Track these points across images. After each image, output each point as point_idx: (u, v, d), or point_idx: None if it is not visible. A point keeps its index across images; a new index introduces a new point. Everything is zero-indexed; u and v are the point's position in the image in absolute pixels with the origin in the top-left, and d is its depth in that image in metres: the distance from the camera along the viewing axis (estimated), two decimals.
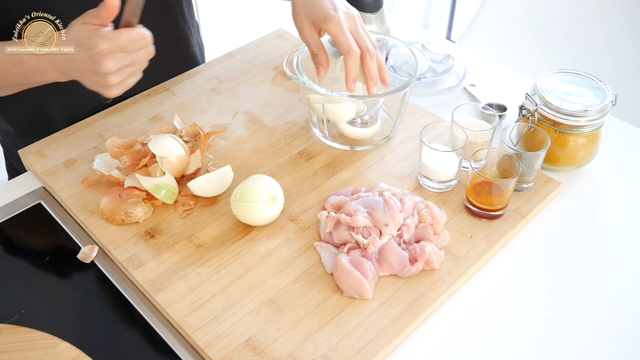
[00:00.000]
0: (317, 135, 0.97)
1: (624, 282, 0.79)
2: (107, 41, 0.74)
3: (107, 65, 0.75)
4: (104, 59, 0.74)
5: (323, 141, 0.96)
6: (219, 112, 1.02)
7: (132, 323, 0.75)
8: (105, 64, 0.75)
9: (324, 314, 0.73)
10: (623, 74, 1.50)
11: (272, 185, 0.81)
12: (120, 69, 0.76)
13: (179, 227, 0.83)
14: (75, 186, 0.89)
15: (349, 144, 0.95)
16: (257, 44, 1.19)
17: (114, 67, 0.75)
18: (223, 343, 0.70)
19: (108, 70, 0.75)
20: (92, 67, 0.75)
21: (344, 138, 0.95)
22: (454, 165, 0.86)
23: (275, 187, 0.82)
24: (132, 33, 0.75)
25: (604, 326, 0.74)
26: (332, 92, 0.88)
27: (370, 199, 0.80)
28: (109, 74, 0.76)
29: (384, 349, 0.69)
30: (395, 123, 0.95)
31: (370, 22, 1.15)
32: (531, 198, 0.87)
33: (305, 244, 0.81)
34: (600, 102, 0.87)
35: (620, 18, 1.56)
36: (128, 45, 0.75)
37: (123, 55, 0.76)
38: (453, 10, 2.76)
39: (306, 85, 0.88)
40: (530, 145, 0.89)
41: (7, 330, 0.72)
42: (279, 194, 0.82)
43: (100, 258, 0.81)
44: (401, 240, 0.79)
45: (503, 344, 0.72)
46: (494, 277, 0.79)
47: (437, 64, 1.14)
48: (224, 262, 0.79)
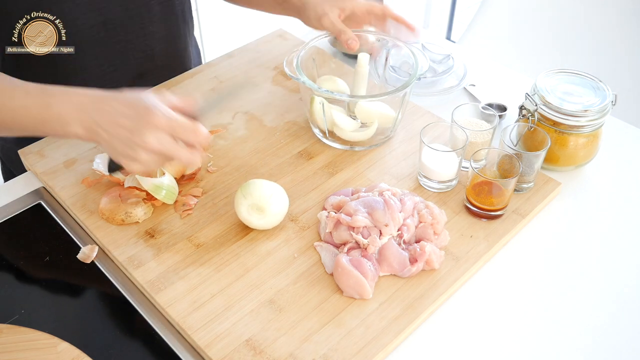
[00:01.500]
0: (318, 135, 0.97)
1: (624, 282, 0.79)
2: (164, 115, 0.70)
3: (149, 138, 0.69)
4: (151, 130, 0.69)
5: (323, 141, 0.96)
6: (219, 112, 1.02)
7: (132, 323, 0.75)
8: (148, 136, 0.69)
9: (324, 314, 0.73)
10: (623, 74, 1.50)
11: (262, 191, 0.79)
12: (155, 150, 0.70)
13: (179, 227, 0.83)
14: (75, 186, 0.89)
15: (349, 144, 0.95)
16: (257, 44, 1.19)
17: (153, 144, 0.69)
18: (223, 343, 0.70)
19: (146, 144, 0.69)
20: (132, 132, 0.70)
21: (343, 138, 0.94)
22: (454, 165, 0.86)
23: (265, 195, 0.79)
24: (189, 122, 0.71)
25: (604, 326, 0.74)
26: (332, 92, 0.88)
27: (370, 199, 0.80)
28: (144, 147, 0.70)
29: (384, 349, 0.69)
30: (395, 123, 0.95)
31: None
32: (531, 198, 0.87)
33: (305, 244, 0.81)
34: (600, 102, 0.87)
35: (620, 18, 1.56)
36: (179, 131, 0.71)
37: (168, 139, 0.70)
38: (453, 10, 2.77)
39: (306, 85, 0.88)
40: (530, 145, 0.89)
41: (7, 330, 0.72)
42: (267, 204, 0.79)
43: (100, 258, 0.81)
44: (401, 240, 0.79)
45: (503, 344, 0.72)
46: (494, 277, 0.79)
47: (437, 64, 1.14)
48: (224, 262, 0.79)
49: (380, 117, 0.93)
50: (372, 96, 0.91)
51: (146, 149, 0.70)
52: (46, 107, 0.73)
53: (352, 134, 0.93)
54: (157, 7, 1.00)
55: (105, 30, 0.95)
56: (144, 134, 0.69)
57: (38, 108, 0.73)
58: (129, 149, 0.70)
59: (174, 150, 0.71)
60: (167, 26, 1.04)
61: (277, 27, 1.24)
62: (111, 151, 0.73)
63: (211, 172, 0.91)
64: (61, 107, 0.72)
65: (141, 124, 0.69)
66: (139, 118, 0.70)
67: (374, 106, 0.93)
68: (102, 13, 0.93)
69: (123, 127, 0.70)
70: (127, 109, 0.71)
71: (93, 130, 0.72)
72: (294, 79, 0.90)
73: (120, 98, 0.72)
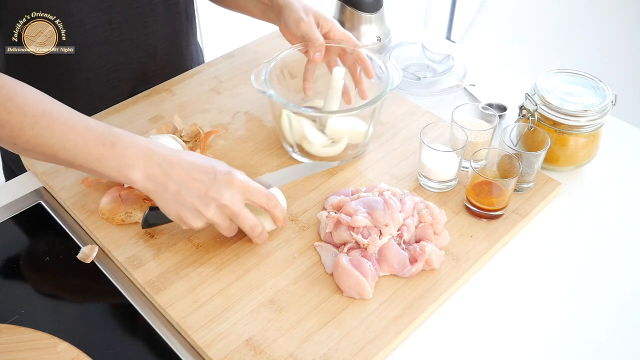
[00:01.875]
0: (287, 149, 0.94)
1: (624, 281, 0.79)
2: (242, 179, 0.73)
3: (225, 194, 0.71)
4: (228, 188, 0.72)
5: (292, 156, 0.93)
6: (218, 112, 1.02)
7: (132, 323, 0.75)
8: (225, 191, 0.71)
9: (324, 314, 0.73)
10: (623, 74, 1.50)
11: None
12: (227, 204, 0.72)
13: (179, 227, 0.83)
14: (75, 186, 0.89)
15: (318, 159, 0.91)
16: (257, 44, 1.19)
17: (227, 200, 0.72)
18: (223, 343, 0.70)
19: (221, 197, 0.71)
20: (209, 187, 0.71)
21: (312, 154, 0.91)
22: (454, 165, 0.86)
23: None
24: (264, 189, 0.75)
25: (604, 325, 0.74)
26: (299, 107, 0.86)
27: (370, 199, 0.80)
28: (218, 201, 0.71)
29: (384, 349, 0.69)
30: (366, 138, 0.92)
31: (370, 22, 1.16)
32: (531, 198, 0.87)
33: (305, 244, 0.81)
34: (600, 102, 0.87)
35: (620, 18, 1.56)
36: (254, 193, 0.73)
37: (241, 198, 0.73)
38: (453, 10, 2.77)
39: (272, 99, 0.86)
40: (530, 145, 0.89)
41: (7, 330, 0.72)
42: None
43: (100, 258, 0.81)
44: (401, 240, 0.79)
45: (503, 344, 0.72)
46: (494, 277, 0.79)
47: (437, 64, 1.14)
48: (224, 262, 0.79)
49: (350, 133, 0.90)
50: (340, 111, 0.88)
51: (219, 204, 0.72)
52: (109, 145, 0.71)
53: (321, 149, 0.90)
54: (161, 5, 1.00)
55: (110, 29, 0.95)
56: (222, 189, 0.71)
57: (99, 145, 0.71)
58: (200, 201, 0.71)
59: (242, 212, 0.73)
60: (171, 25, 1.04)
61: (277, 27, 1.24)
62: (174, 203, 0.72)
63: None
64: (126, 149, 0.71)
65: (220, 181, 0.72)
66: (219, 175, 0.72)
67: (345, 122, 0.90)
68: (106, 12, 0.93)
69: (200, 181, 0.71)
70: (206, 167, 0.72)
71: (158, 180, 0.71)
72: (261, 92, 0.87)
73: (198, 156, 0.74)
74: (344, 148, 0.91)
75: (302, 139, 0.90)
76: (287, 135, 0.91)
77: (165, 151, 0.73)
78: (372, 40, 1.16)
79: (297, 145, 0.91)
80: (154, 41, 1.03)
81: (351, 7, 1.14)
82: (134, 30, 0.98)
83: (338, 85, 0.91)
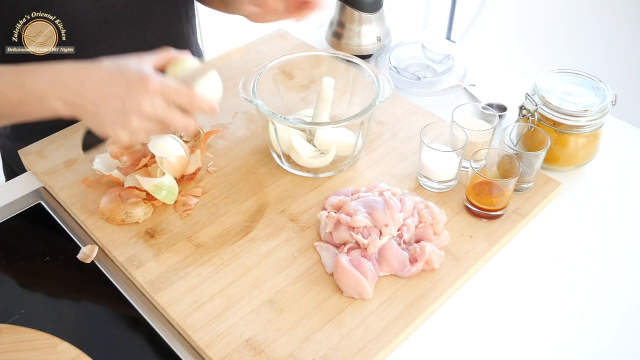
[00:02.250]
0: (276, 159, 0.93)
1: (625, 281, 0.79)
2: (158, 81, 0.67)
3: (143, 103, 0.67)
4: (145, 95, 0.67)
5: (281, 166, 0.92)
6: (218, 112, 1.02)
7: (132, 323, 0.75)
8: (142, 101, 0.67)
9: (324, 314, 0.73)
10: (623, 74, 1.50)
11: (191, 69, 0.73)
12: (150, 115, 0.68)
13: (179, 227, 0.83)
14: (75, 186, 0.89)
15: (306, 171, 0.90)
16: (257, 44, 1.19)
17: (147, 109, 0.67)
18: (223, 343, 0.70)
19: (141, 108, 0.67)
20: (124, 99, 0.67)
21: (300, 164, 0.90)
22: (454, 165, 0.86)
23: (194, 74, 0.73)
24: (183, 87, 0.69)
25: (604, 325, 0.74)
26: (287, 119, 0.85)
27: (370, 199, 0.80)
28: (138, 113, 0.67)
29: (384, 349, 0.69)
30: (355, 150, 0.90)
31: (370, 22, 1.16)
32: (531, 198, 0.87)
33: (305, 244, 0.81)
34: (600, 102, 0.87)
35: (620, 18, 1.56)
36: (173, 95, 0.69)
37: (162, 104, 0.68)
38: (453, 10, 2.77)
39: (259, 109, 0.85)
40: (530, 145, 0.89)
41: (7, 330, 0.72)
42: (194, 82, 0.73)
43: (100, 258, 0.81)
44: (401, 240, 0.79)
45: (503, 344, 0.72)
46: (494, 277, 0.79)
47: (437, 64, 1.14)
48: (224, 262, 0.79)
49: (338, 145, 0.89)
50: (327, 123, 0.87)
51: (140, 114, 0.68)
52: (20, 85, 0.70)
53: (309, 160, 0.89)
54: (158, 4, 1.00)
55: (106, 27, 0.95)
56: (138, 99, 0.67)
57: (12, 89, 0.70)
58: (121, 116, 0.68)
59: (168, 115, 0.69)
60: (170, 25, 1.04)
61: (277, 27, 1.24)
62: (97, 122, 0.70)
63: (211, 172, 0.91)
64: (36, 83, 0.70)
65: (134, 90, 0.67)
66: (131, 84, 0.67)
67: (333, 133, 0.89)
68: (103, 11, 0.93)
69: (113, 95, 0.68)
70: (117, 77, 0.68)
71: (75, 103, 0.69)
72: (248, 102, 0.86)
73: (105, 67, 0.70)
74: (332, 159, 0.89)
75: (289, 149, 0.89)
76: (274, 145, 0.90)
77: (74, 71, 0.70)
78: (372, 40, 1.16)
79: (285, 155, 0.90)
80: (152, 40, 1.02)
81: (351, 7, 1.14)
82: (132, 29, 0.98)
83: (328, 96, 0.89)
